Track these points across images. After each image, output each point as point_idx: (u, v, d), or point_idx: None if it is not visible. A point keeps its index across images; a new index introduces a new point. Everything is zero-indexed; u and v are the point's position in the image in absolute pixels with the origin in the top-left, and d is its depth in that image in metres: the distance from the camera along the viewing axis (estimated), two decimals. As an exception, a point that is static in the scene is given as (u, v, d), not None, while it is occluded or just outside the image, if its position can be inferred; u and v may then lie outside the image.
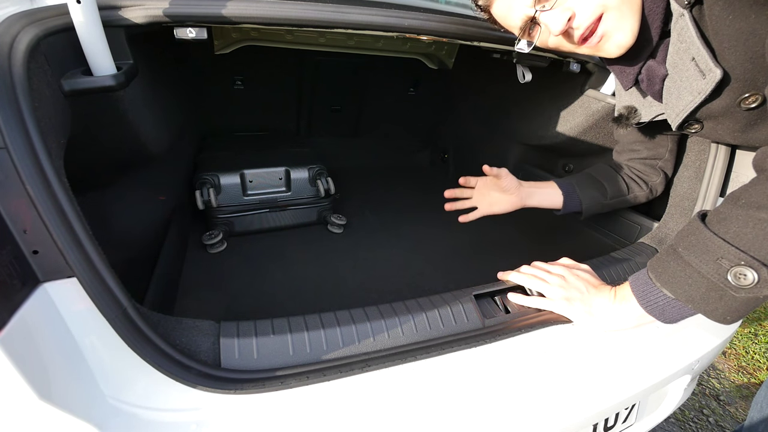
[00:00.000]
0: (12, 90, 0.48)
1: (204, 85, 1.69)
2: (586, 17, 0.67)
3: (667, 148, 1.01)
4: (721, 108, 0.70)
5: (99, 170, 0.88)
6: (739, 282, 0.54)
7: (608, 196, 1.03)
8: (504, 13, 0.75)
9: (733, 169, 0.94)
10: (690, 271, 0.59)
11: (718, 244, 0.57)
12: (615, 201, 1.03)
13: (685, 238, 0.62)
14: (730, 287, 0.55)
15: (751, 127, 0.74)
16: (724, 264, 0.56)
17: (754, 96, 0.66)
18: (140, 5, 0.71)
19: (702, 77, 0.66)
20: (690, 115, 0.73)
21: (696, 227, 0.61)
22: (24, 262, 0.46)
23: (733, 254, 0.55)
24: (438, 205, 1.17)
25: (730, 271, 0.55)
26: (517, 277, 0.81)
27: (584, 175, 1.07)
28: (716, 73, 0.64)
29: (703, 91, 0.67)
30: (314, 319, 0.65)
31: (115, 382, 0.53)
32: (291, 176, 1.38)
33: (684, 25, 0.65)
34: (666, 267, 0.63)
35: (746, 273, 0.54)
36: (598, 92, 1.22)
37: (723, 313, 0.58)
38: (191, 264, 1.19)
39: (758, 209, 0.55)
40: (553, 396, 0.72)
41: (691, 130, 0.80)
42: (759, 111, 0.69)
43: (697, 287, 0.59)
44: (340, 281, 1.18)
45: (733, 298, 0.56)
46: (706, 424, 1.61)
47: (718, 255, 0.56)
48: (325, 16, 0.81)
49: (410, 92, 2.07)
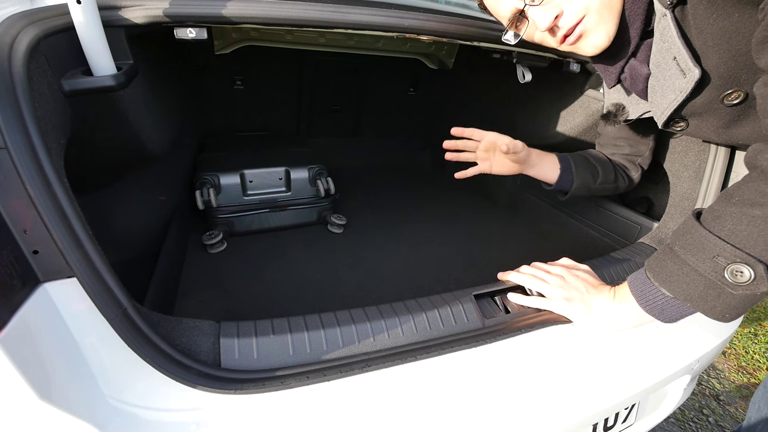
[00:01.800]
0: (12, 90, 0.47)
1: (204, 85, 1.69)
2: (571, 18, 0.70)
3: (648, 146, 1.03)
4: (704, 105, 0.72)
5: (99, 170, 0.88)
6: (736, 279, 0.55)
7: (598, 181, 1.02)
8: (495, 3, 0.77)
9: (732, 169, 0.94)
10: (687, 269, 0.60)
11: (713, 242, 0.57)
12: (601, 187, 1.03)
13: (681, 237, 0.62)
14: (727, 285, 0.56)
15: (734, 124, 0.75)
16: (720, 262, 0.56)
17: (737, 92, 0.68)
18: (140, 5, 0.71)
19: (683, 76, 0.68)
20: (674, 112, 0.75)
21: (691, 226, 0.61)
22: (24, 262, 0.46)
23: (729, 252, 0.55)
24: (438, 204, 1.17)
25: (727, 269, 0.55)
26: (516, 277, 0.81)
27: (581, 156, 1.06)
28: (695, 73, 0.66)
29: (684, 89, 0.69)
30: (314, 319, 0.65)
31: (116, 382, 0.53)
32: (291, 176, 1.38)
33: (666, 25, 0.66)
34: (663, 266, 0.63)
35: (743, 270, 0.54)
36: (598, 92, 1.22)
37: (722, 310, 0.58)
38: (191, 264, 1.19)
39: (752, 206, 0.55)
40: (553, 396, 0.72)
41: (677, 128, 0.81)
42: (742, 107, 0.70)
43: (695, 286, 0.59)
44: (340, 281, 1.18)
45: (731, 296, 0.56)
46: (706, 424, 1.61)
47: (714, 253, 0.57)
48: (325, 16, 0.81)
49: (410, 92, 2.07)
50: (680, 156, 1.04)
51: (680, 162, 1.03)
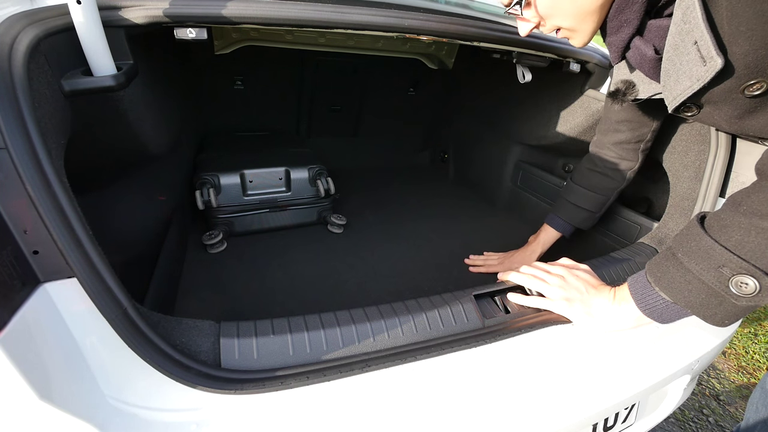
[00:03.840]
0: (12, 90, 0.48)
1: (204, 85, 1.69)
2: (546, 29, 0.75)
3: (651, 129, 1.01)
4: (722, 94, 0.68)
5: (99, 170, 0.88)
6: (741, 290, 0.54)
7: (595, 210, 1.14)
8: None
9: (732, 169, 0.94)
10: (690, 277, 0.59)
11: (719, 252, 0.56)
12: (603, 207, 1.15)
13: (684, 243, 0.61)
14: (731, 295, 0.55)
15: (749, 114, 0.71)
16: (725, 272, 0.55)
17: (760, 83, 0.63)
18: (140, 5, 0.71)
19: (702, 63, 0.63)
20: (687, 99, 0.70)
21: (696, 233, 0.60)
22: (24, 262, 0.46)
23: (736, 263, 0.54)
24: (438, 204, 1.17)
25: (732, 280, 0.55)
26: (516, 277, 0.81)
27: (562, 203, 1.18)
28: (717, 62, 0.60)
29: (702, 78, 0.64)
30: (314, 319, 0.65)
31: (116, 382, 0.53)
32: (291, 176, 1.38)
33: (690, 4, 0.60)
34: (665, 272, 0.63)
35: (748, 282, 0.53)
36: (598, 92, 1.22)
37: (722, 318, 0.58)
38: (191, 264, 1.19)
39: (761, 218, 0.54)
40: (553, 396, 0.72)
41: (687, 114, 0.77)
42: (761, 99, 0.67)
43: (697, 293, 0.59)
44: (340, 281, 1.18)
45: (733, 305, 0.56)
46: (705, 424, 1.61)
47: (719, 263, 0.56)
48: (325, 16, 0.81)
49: (410, 92, 2.07)
50: (680, 156, 1.03)
51: (680, 162, 1.03)
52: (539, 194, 1.56)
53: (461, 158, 2.01)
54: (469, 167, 1.94)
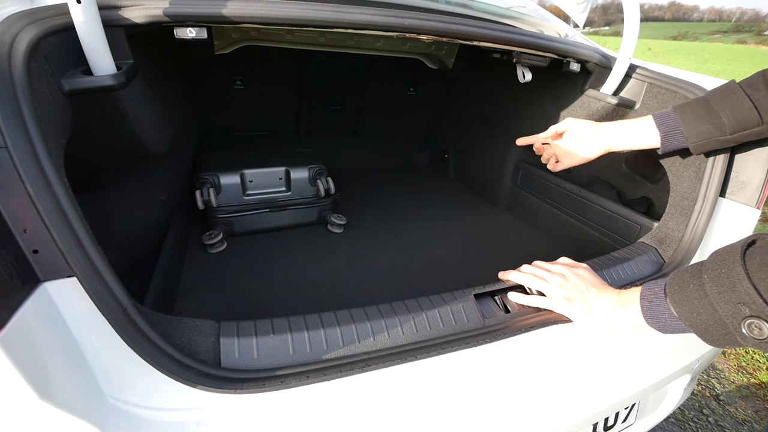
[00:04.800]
0: (12, 90, 0.47)
1: (204, 85, 1.69)
2: None
3: None
4: None
5: (99, 170, 0.88)
6: (752, 332, 0.51)
7: (727, 131, 0.82)
8: None
9: (732, 169, 0.94)
10: (705, 302, 0.56)
11: (746, 289, 0.51)
12: (739, 135, 0.83)
13: (716, 267, 0.56)
14: (738, 333, 0.52)
15: None
16: (743, 311, 0.51)
17: None
18: (140, 5, 0.71)
19: None
20: None
21: (733, 261, 0.54)
22: (24, 261, 0.46)
23: (758, 306, 0.50)
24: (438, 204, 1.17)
25: (747, 321, 0.51)
26: (517, 276, 0.81)
27: (699, 103, 0.86)
28: None
29: None
30: (314, 318, 0.65)
31: (116, 382, 0.53)
32: (291, 176, 1.38)
33: None
34: (684, 288, 0.60)
35: (762, 327, 0.50)
36: (598, 92, 1.22)
37: (721, 344, 0.57)
38: (191, 264, 1.19)
39: None
40: (553, 395, 0.72)
41: None
42: None
43: (705, 318, 0.56)
44: (340, 281, 1.18)
45: (736, 341, 0.54)
46: (705, 424, 1.61)
47: (741, 299, 0.51)
48: (325, 16, 0.81)
49: (410, 92, 2.08)
50: (680, 155, 1.04)
51: (680, 161, 1.03)
52: (539, 194, 1.56)
53: (461, 158, 2.01)
54: (469, 167, 1.94)
